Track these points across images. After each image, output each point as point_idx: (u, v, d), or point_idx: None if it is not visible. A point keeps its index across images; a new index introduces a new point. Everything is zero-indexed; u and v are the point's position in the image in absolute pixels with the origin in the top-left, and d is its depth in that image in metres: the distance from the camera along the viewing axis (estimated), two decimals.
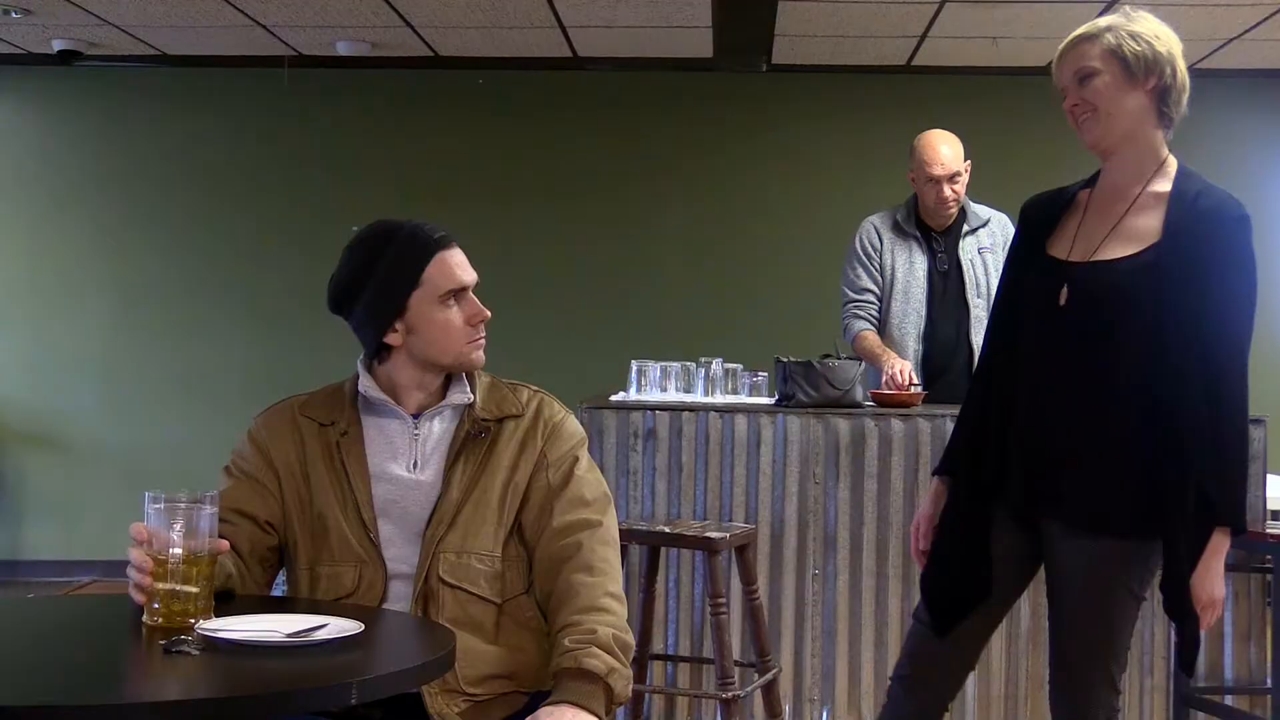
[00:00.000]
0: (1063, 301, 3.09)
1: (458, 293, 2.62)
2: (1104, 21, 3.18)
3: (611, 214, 8.35)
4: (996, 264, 5.47)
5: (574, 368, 7.15)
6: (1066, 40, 3.25)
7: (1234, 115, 8.31)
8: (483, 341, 2.64)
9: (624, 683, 2.39)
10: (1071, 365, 3.08)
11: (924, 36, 7.58)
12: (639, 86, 8.33)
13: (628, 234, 8.33)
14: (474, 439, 2.58)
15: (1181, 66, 3.13)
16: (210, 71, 8.50)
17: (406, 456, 2.59)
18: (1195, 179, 3.13)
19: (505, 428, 2.60)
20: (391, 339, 2.59)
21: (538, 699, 2.42)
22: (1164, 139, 3.17)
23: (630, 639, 2.46)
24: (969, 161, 5.42)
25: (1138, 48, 3.08)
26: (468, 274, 2.66)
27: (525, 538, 2.56)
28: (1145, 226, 3.09)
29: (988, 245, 5.46)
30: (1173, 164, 3.15)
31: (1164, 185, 3.11)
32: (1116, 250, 3.09)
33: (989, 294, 5.45)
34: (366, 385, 2.61)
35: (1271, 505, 4.93)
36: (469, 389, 2.64)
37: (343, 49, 8.03)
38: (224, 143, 8.59)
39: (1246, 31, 7.32)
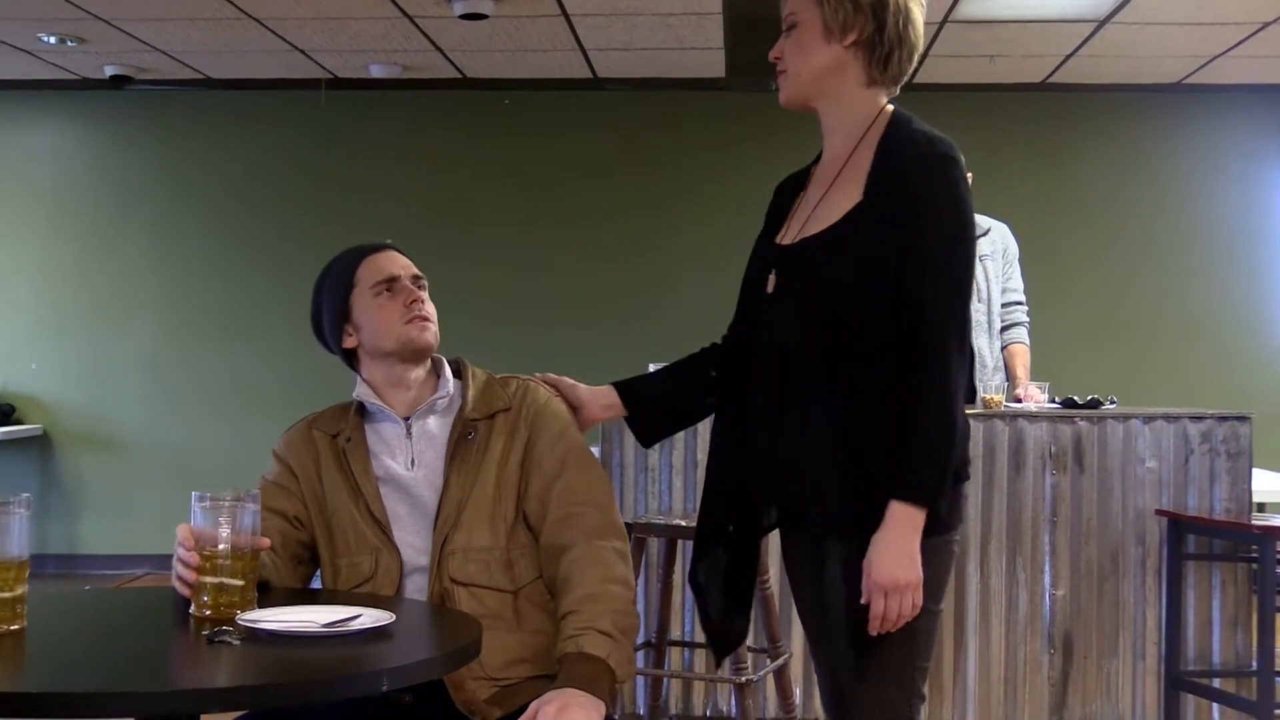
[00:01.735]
0: (770, 289, 2.56)
1: (389, 283, 2.65)
2: None
3: (629, 226, 8.34)
4: (997, 271, 5.48)
5: (595, 373, 7.11)
6: None
7: (1219, 127, 8.30)
8: (423, 322, 2.63)
9: (625, 664, 2.36)
10: (791, 356, 2.51)
11: (925, 55, 7.56)
12: (655, 105, 8.33)
13: (645, 245, 8.32)
14: (465, 439, 2.58)
15: (900, 21, 2.53)
16: (252, 94, 8.52)
17: (404, 454, 2.60)
18: (904, 128, 2.57)
19: (495, 422, 2.60)
20: (349, 342, 2.68)
21: None
22: (881, 95, 2.61)
23: (633, 620, 2.42)
24: (970, 174, 5.41)
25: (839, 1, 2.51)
26: (396, 266, 2.68)
27: (530, 524, 2.56)
28: (850, 192, 2.51)
29: (988, 253, 5.46)
30: (886, 116, 2.59)
31: (873, 144, 2.55)
32: (821, 224, 2.51)
33: (989, 299, 5.45)
34: (361, 392, 2.65)
35: (1257, 499, 4.90)
36: (450, 385, 2.66)
37: (376, 71, 8.05)
38: (264, 161, 8.61)
39: (1230, 49, 7.29)
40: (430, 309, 2.67)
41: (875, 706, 2.51)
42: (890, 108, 2.61)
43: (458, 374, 2.70)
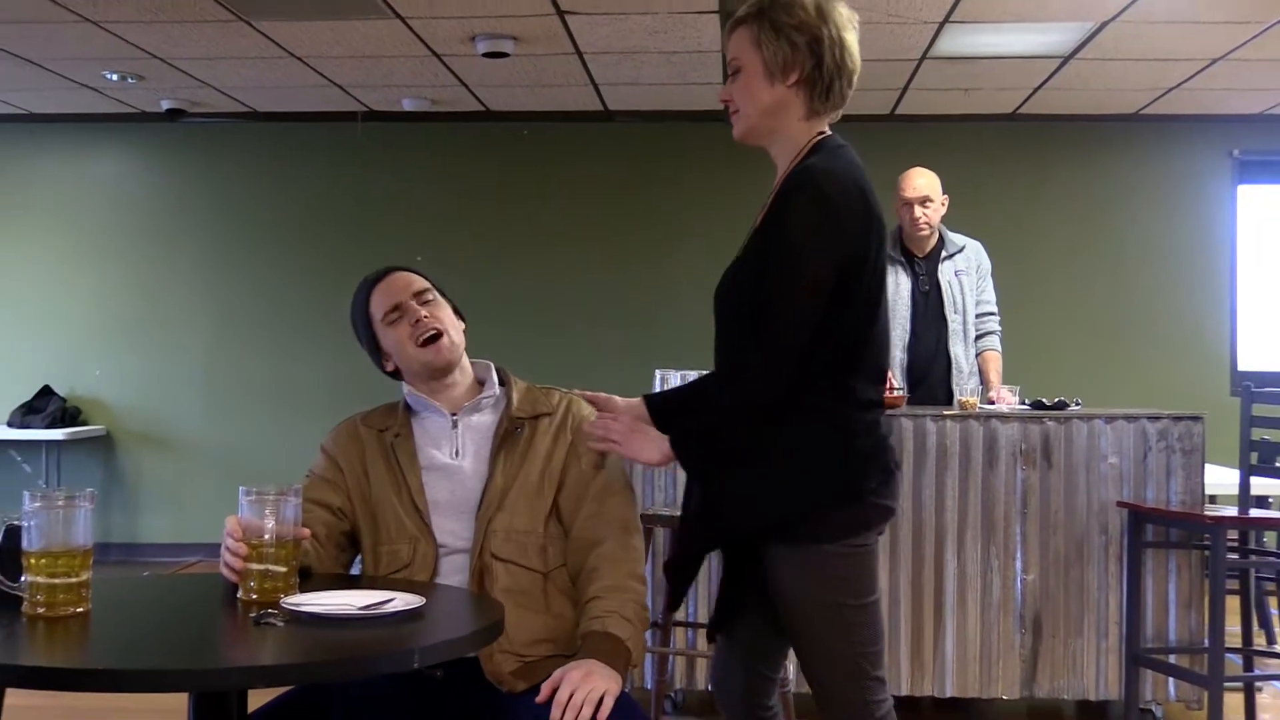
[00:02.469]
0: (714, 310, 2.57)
1: (395, 310, 2.65)
2: (755, 4, 2.50)
3: (638, 245, 8.34)
4: (971, 285, 5.47)
5: (606, 380, 7.13)
6: (731, 19, 2.56)
7: (1172, 154, 8.30)
8: (433, 341, 2.61)
9: (640, 648, 2.43)
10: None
11: (905, 89, 7.57)
12: (660, 134, 8.33)
13: (651, 262, 8.31)
14: (512, 434, 2.60)
15: (836, 52, 2.49)
16: (294, 125, 8.54)
17: (449, 446, 2.62)
18: (813, 156, 2.49)
19: (540, 424, 2.62)
20: (389, 367, 2.72)
21: None
22: (823, 122, 2.56)
23: (647, 614, 2.47)
24: (946, 196, 5.42)
25: (776, 42, 2.45)
26: (397, 291, 2.66)
27: (562, 518, 2.57)
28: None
29: (963, 268, 5.46)
30: (809, 146, 2.53)
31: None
32: (738, 255, 2.53)
33: (964, 310, 5.44)
34: (408, 392, 2.67)
35: (1209, 491, 4.89)
36: (497, 388, 2.68)
37: (408, 105, 8.07)
38: (306, 186, 8.62)
39: (1182, 83, 7.29)
40: (441, 319, 2.64)
41: (832, 695, 2.50)
42: (820, 136, 2.55)
43: (502, 380, 2.72)
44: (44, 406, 8.42)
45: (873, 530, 2.47)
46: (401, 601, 2.17)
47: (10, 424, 8.39)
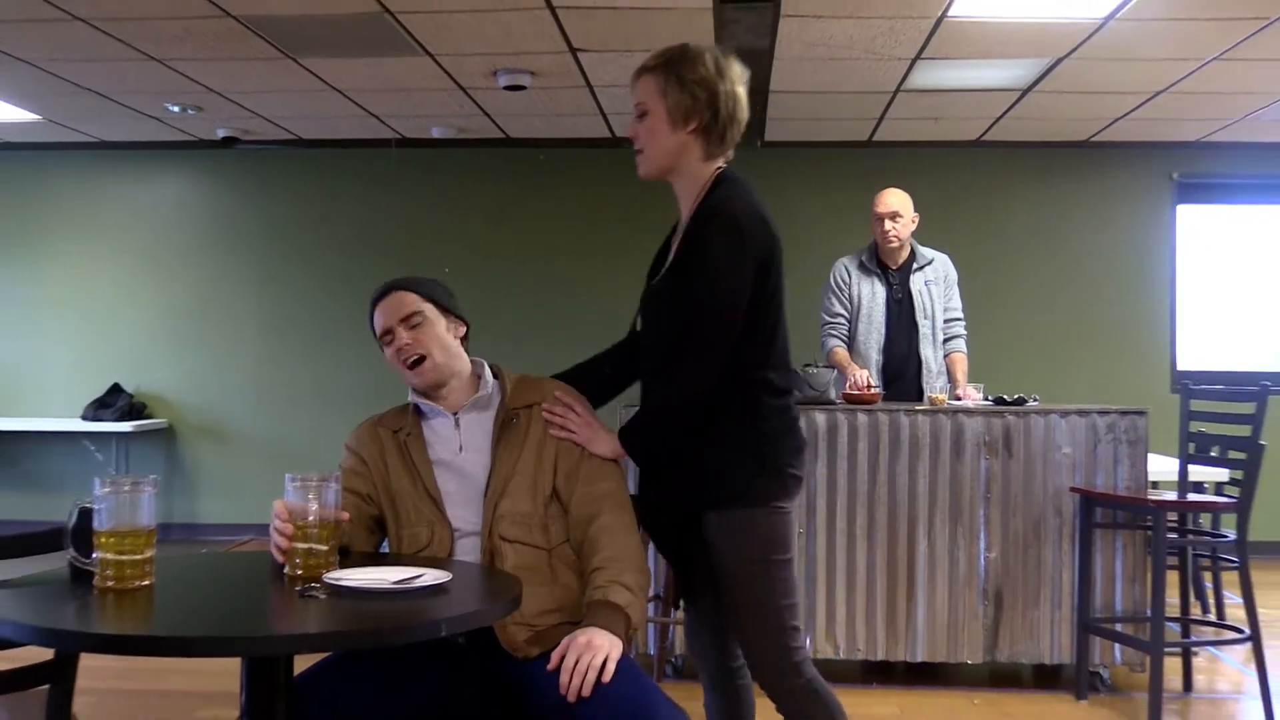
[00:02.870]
0: (637, 327, 2.73)
1: (386, 335, 2.62)
2: (663, 55, 2.56)
3: (643, 260, 8.31)
4: (940, 293, 5.47)
5: None
6: (639, 66, 2.62)
7: (1119, 177, 8.30)
8: (416, 366, 2.59)
9: (640, 613, 2.41)
10: (647, 379, 2.68)
11: (881, 118, 7.57)
12: None
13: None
14: (509, 425, 2.58)
15: (730, 104, 2.54)
16: (335, 151, 8.54)
17: (454, 442, 2.60)
18: (714, 193, 2.57)
19: (534, 412, 2.60)
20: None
21: None
22: (717, 162, 2.62)
23: (646, 579, 2.46)
24: (917, 214, 5.42)
25: (680, 94, 2.51)
26: (387, 317, 2.62)
27: (560, 497, 2.55)
28: (678, 250, 2.61)
29: (933, 279, 5.46)
30: (710, 181, 2.60)
31: (696, 207, 2.59)
32: (660, 276, 2.65)
33: (934, 316, 5.44)
34: (415, 398, 2.65)
35: (1152, 478, 4.89)
36: (490, 385, 2.65)
37: (437, 133, 8.07)
38: (345, 206, 8.63)
39: (1128, 113, 7.29)
40: (425, 341, 2.59)
41: (760, 643, 2.62)
42: (719, 171, 2.63)
43: (496, 374, 2.70)
44: (114, 402, 8.44)
45: (790, 496, 2.61)
46: (430, 577, 2.18)
47: (84, 417, 8.41)
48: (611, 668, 2.24)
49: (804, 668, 2.62)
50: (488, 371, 2.69)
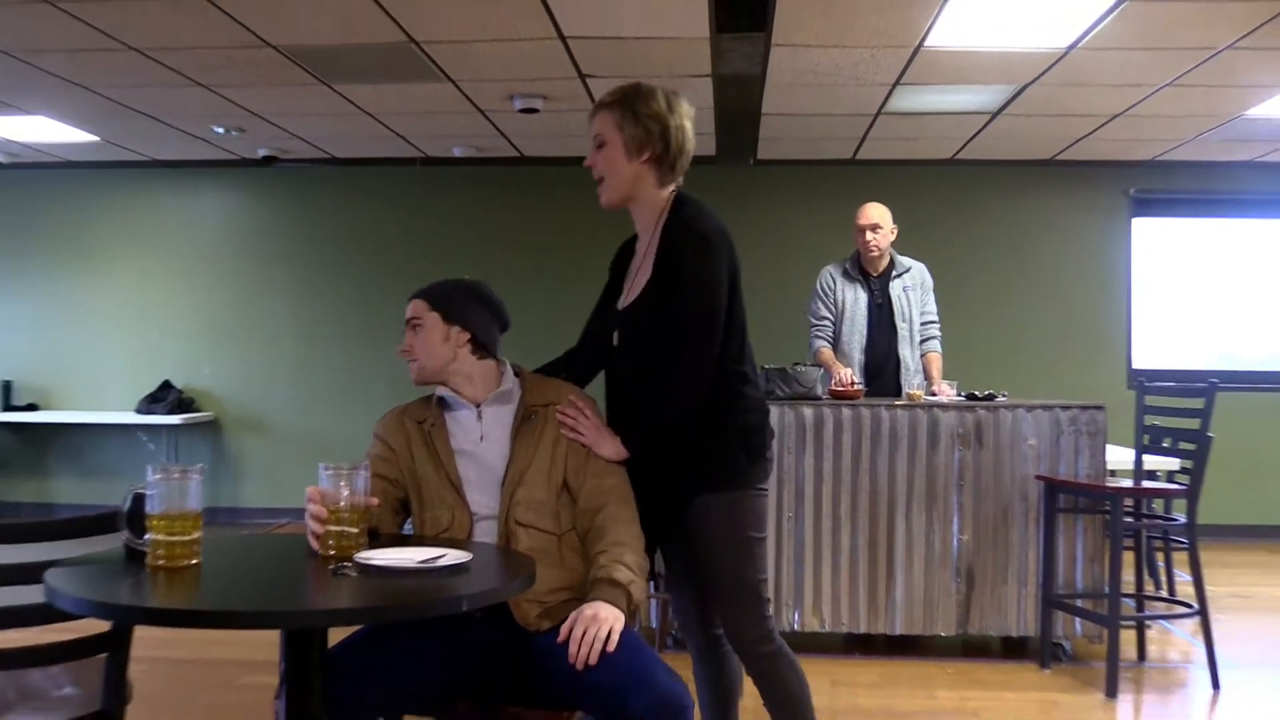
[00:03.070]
0: (615, 343, 2.71)
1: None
2: (619, 93, 2.60)
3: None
4: (917, 299, 5.47)
5: None
6: (597, 101, 2.64)
7: (1079, 192, 8.29)
8: (410, 364, 2.61)
9: (640, 591, 2.41)
10: (630, 388, 2.67)
11: (863, 139, 7.56)
12: None
13: None
14: (527, 420, 2.57)
15: (680, 137, 2.60)
16: (365, 168, 8.54)
17: (476, 432, 2.58)
18: (676, 214, 2.61)
19: (550, 411, 2.59)
20: None
21: None
22: (667, 189, 2.66)
23: (646, 563, 2.45)
24: (895, 226, 5.42)
25: (635, 127, 2.56)
26: (407, 315, 2.63)
27: (570, 489, 2.55)
28: (648, 268, 2.63)
29: (910, 285, 5.46)
30: (668, 204, 2.64)
31: (660, 228, 2.63)
32: (635, 294, 2.65)
33: (911, 319, 5.44)
34: (441, 391, 2.63)
35: (1110, 467, 4.88)
36: (511, 381, 2.63)
37: (458, 152, 8.07)
38: (375, 218, 8.63)
39: (1088, 134, 7.28)
40: (415, 345, 2.59)
41: (738, 613, 2.66)
42: (674, 194, 2.66)
43: (517, 373, 2.69)
44: (165, 397, 8.45)
45: (767, 478, 2.70)
46: (452, 557, 2.18)
47: (138, 411, 8.42)
48: (615, 638, 2.25)
49: (775, 634, 2.68)
50: (509, 370, 2.67)
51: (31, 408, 8.62)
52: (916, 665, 4.66)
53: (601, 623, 2.25)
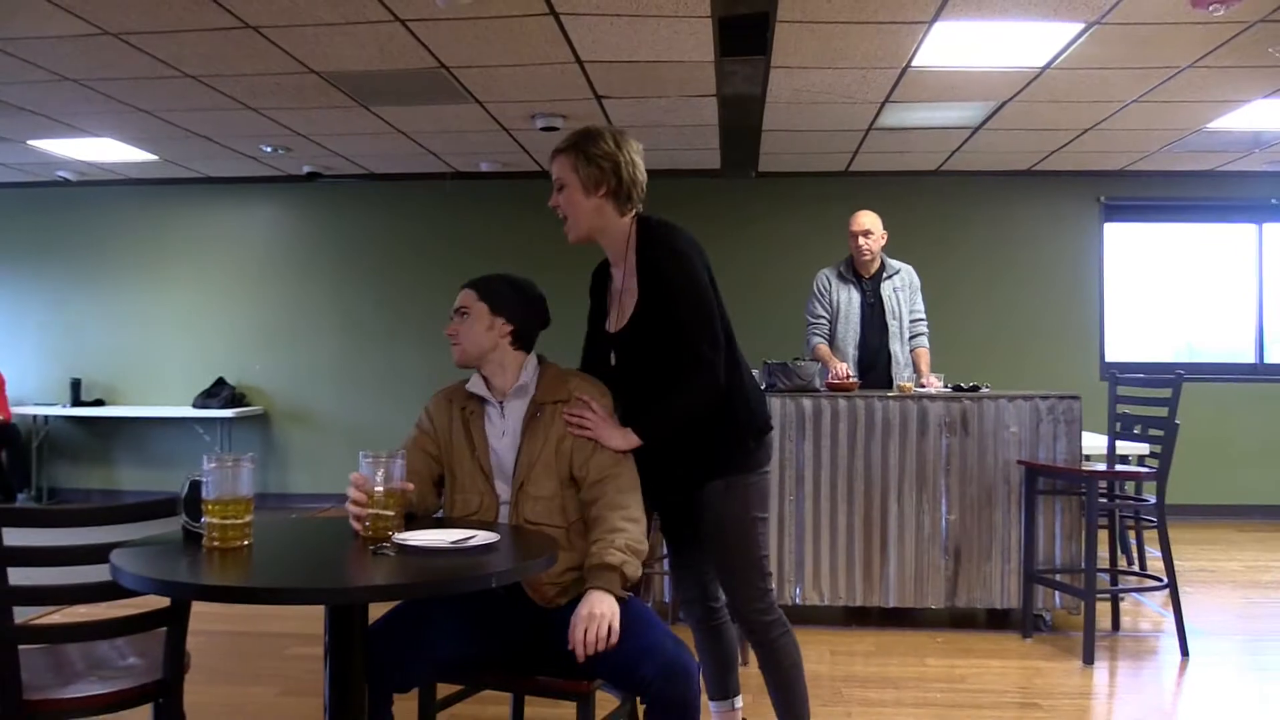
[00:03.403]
0: (613, 363, 2.67)
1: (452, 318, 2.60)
2: (572, 138, 2.60)
3: None
4: (906, 298, 5.44)
5: None
6: (553, 148, 2.65)
7: (1054, 200, 8.24)
8: (454, 346, 2.57)
9: (634, 569, 2.36)
10: (631, 403, 2.57)
11: (856, 152, 7.53)
12: (671, 188, 8.20)
13: None
14: (534, 419, 2.52)
15: (630, 170, 2.58)
16: (400, 183, 8.55)
17: (499, 427, 2.55)
18: (645, 232, 2.60)
19: (557, 408, 2.52)
20: None
21: None
22: (628, 216, 2.63)
23: (641, 545, 2.39)
24: (885, 231, 5.39)
25: (589, 167, 2.56)
26: (457, 303, 2.60)
27: (575, 481, 2.50)
28: (633, 288, 2.61)
29: (900, 286, 5.43)
30: (633, 226, 2.62)
31: (632, 252, 2.62)
32: (626, 316, 2.62)
33: (901, 317, 5.41)
34: (473, 385, 2.59)
35: (1085, 452, 4.85)
36: (528, 373, 2.57)
37: (485, 166, 8.06)
38: (409, 227, 8.63)
39: (1062, 147, 7.24)
40: (459, 332, 2.55)
41: (744, 588, 2.67)
42: (636, 217, 2.64)
43: (541, 364, 2.63)
44: (218, 392, 8.47)
45: (770, 461, 2.71)
46: (481, 538, 2.17)
47: (194, 405, 8.45)
48: (615, 626, 2.24)
49: (775, 605, 2.71)
50: (532, 365, 2.61)
51: (99, 403, 8.65)
52: (909, 635, 4.64)
53: (600, 619, 2.24)
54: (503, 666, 2.44)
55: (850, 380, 4.87)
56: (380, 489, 2.23)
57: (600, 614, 2.25)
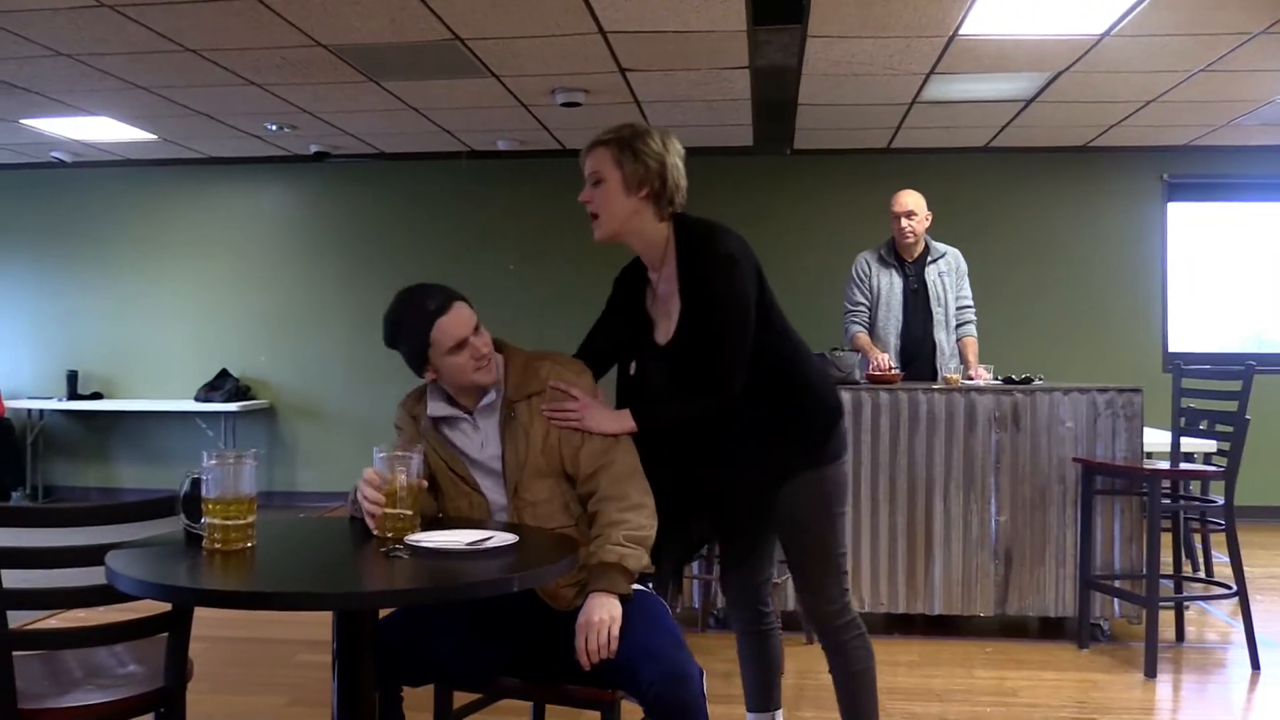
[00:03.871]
0: (664, 374, 2.58)
1: (460, 345, 2.41)
2: (616, 132, 2.58)
3: None
4: (952, 284, 5.40)
5: None
6: (591, 140, 2.63)
7: (1114, 178, 8.16)
8: (486, 366, 2.44)
9: (635, 561, 2.33)
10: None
11: (899, 127, 7.48)
12: (702, 166, 8.12)
13: None
14: (510, 422, 2.46)
15: (675, 174, 2.56)
16: (412, 162, 8.56)
17: (475, 439, 2.50)
18: (687, 239, 2.57)
19: (533, 403, 2.47)
20: (429, 376, 2.52)
21: None
22: (665, 220, 2.58)
23: (644, 534, 2.36)
24: (930, 213, 5.35)
25: (635, 164, 2.51)
26: (462, 329, 2.41)
27: (569, 477, 2.47)
28: (675, 296, 2.56)
29: (945, 270, 5.39)
30: (671, 230, 2.59)
31: (672, 259, 2.57)
32: (672, 326, 2.56)
33: (947, 304, 5.37)
34: (434, 409, 2.51)
35: (1146, 449, 4.80)
36: (498, 371, 2.50)
37: (502, 145, 8.07)
38: (421, 211, 8.65)
39: (1122, 120, 7.16)
40: (489, 349, 2.47)
41: (822, 586, 2.68)
42: (676, 218, 2.60)
43: (499, 348, 2.55)
44: (222, 385, 8.53)
45: (847, 449, 2.72)
46: (499, 540, 2.16)
47: (197, 399, 8.51)
48: (616, 629, 2.25)
49: (850, 606, 2.72)
50: (498, 357, 2.53)
51: (96, 396, 8.73)
52: (955, 645, 4.61)
53: (599, 626, 2.25)
54: (516, 672, 2.44)
55: (892, 372, 4.84)
56: (396, 486, 2.22)
57: (600, 620, 2.26)
